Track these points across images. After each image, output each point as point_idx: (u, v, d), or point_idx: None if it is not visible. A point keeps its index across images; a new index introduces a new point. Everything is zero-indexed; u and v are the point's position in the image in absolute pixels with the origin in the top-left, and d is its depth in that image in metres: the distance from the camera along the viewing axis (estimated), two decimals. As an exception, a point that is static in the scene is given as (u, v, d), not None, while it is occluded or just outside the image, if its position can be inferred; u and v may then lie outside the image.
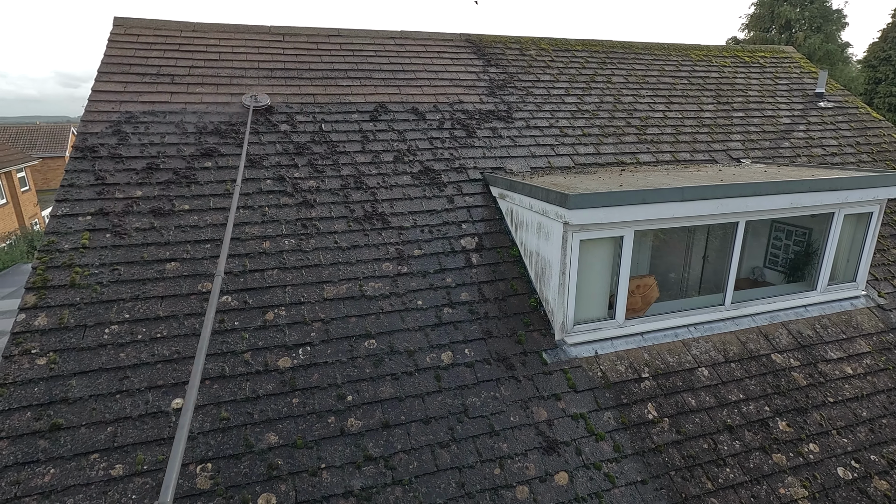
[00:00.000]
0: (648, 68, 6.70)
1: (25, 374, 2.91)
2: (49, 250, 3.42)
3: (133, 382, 2.99)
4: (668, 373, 3.78)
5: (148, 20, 5.36)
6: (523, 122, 5.37)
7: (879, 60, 23.08)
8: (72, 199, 3.71)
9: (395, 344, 3.49)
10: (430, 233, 4.17)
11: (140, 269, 3.46)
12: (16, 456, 2.65)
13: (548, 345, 3.73)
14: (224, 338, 3.28)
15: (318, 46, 5.65)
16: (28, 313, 3.13)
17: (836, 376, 4.04)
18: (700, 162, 5.49)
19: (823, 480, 3.45)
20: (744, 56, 7.48)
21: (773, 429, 3.63)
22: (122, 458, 2.74)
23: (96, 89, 4.52)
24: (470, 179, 4.64)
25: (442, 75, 5.70)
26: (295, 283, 3.63)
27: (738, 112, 6.30)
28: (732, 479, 3.33)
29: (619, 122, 5.72)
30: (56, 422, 2.78)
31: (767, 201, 3.94)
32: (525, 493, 3.04)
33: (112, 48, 4.97)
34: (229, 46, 5.35)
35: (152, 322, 3.25)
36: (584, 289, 3.79)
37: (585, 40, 6.98)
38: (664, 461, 3.33)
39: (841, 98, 7.02)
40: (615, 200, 3.50)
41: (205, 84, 4.84)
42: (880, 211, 4.50)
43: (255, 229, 3.84)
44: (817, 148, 6.07)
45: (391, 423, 3.14)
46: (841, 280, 4.66)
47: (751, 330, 4.20)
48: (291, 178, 4.22)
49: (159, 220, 3.73)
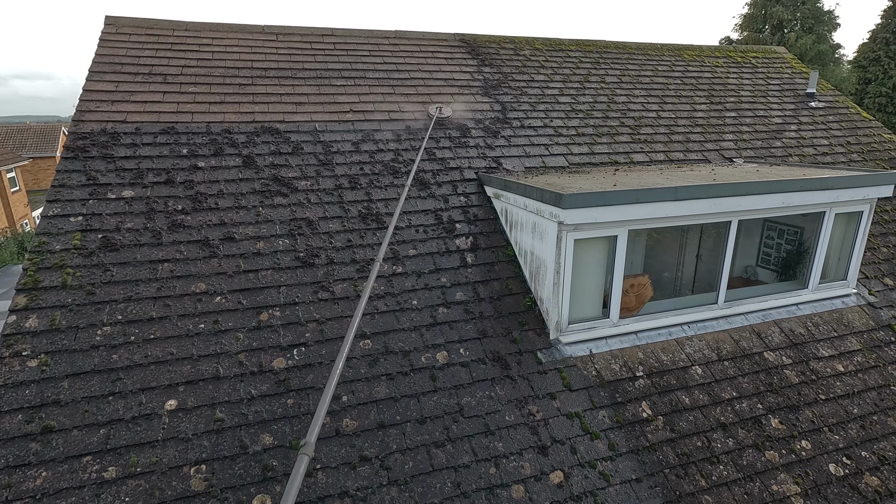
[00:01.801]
0: (642, 68, 6.73)
1: (16, 376, 2.88)
2: (40, 251, 3.38)
3: (126, 384, 2.97)
4: (662, 371, 3.80)
5: (140, 19, 5.32)
6: (518, 121, 5.37)
7: (869, 61, 23.31)
8: (63, 199, 3.67)
9: (391, 344, 3.48)
10: (425, 233, 4.17)
11: (132, 270, 3.43)
12: (7, 459, 2.62)
13: (542, 344, 3.74)
14: (218, 339, 3.26)
15: (311, 46, 5.64)
16: (19, 315, 3.10)
17: (828, 374, 4.08)
18: (693, 161, 5.52)
19: (815, 477, 3.48)
20: (736, 56, 7.53)
21: (765, 426, 3.66)
22: (115, 461, 2.71)
23: (87, 89, 4.48)
24: (465, 179, 4.64)
25: (436, 75, 5.70)
26: (289, 283, 3.62)
27: (730, 112, 6.34)
28: (726, 476, 3.36)
29: (612, 121, 5.74)
30: (48, 424, 2.75)
31: (760, 200, 3.97)
32: (520, 492, 3.05)
33: (103, 47, 4.93)
34: (222, 46, 5.32)
35: (145, 323, 3.23)
36: (579, 288, 3.80)
37: (579, 40, 7.00)
38: (658, 459, 3.34)
39: (832, 98, 7.09)
40: (609, 200, 3.52)
41: (198, 84, 4.81)
42: (870, 210, 4.54)
43: (248, 230, 3.83)
44: (808, 147, 6.13)
45: (386, 424, 3.13)
46: (832, 278, 4.71)
47: (744, 328, 4.23)
48: (285, 178, 4.21)
49: (151, 221, 3.70)
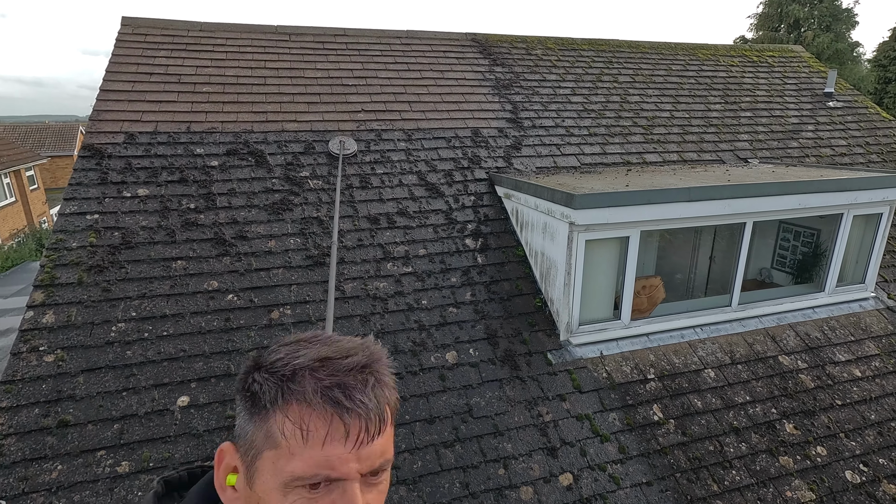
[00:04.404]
0: (655, 68, 6.66)
1: (34, 370, 2.93)
2: (57, 248, 3.44)
3: (139, 380, 3.01)
4: (673, 374, 3.76)
5: (156, 20, 5.39)
6: (529, 121, 5.35)
7: (889, 60, 22.82)
8: (80, 197, 3.73)
9: (400, 343, 3.49)
10: (435, 232, 4.16)
11: (146, 268, 3.48)
12: (24, 452, 2.67)
13: (553, 345, 3.72)
14: (230, 336, 3.29)
15: (323, 46, 5.66)
16: (36, 311, 3.16)
17: (845, 379, 4.00)
18: (707, 162, 5.45)
19: (831, 484, 3.41)
20: (752, 55, 7.42)
21: (780, 431, 3.60)
22: (129, 455, 2.75)
23: (104, 88, 4.55)
24: (475, 179, 4.63)
25: (448, 75, 5.70)
26: (300, 281, 3.64)
27: (745, 112, 6.25)
28: (738, 481, 3.31)
29: (625, 121, 5.69)
30: (63, 418, 2.80)
31: (775, 202, 3.91)
32: (529, 493, 3.03)
33: (120, 48, 5.00)
34: (236, 46, 5.36)
35: (158, 320, 3.27)
36: (590, 289, 3.78)
37: (592, 39, 6.95)
38: (670, 463, 3.31)
39: (850, 98, 6.95)
40: (621, 200, 3.48)
41: (212, 83, 4.86)
42: (890, 212, 4.45)
43: (260, 228, 3.86)
44: (826, 148, 6.02)
45: (395, 422, 3.13)
46: (849, 282, 4.62)
47: (758, 331, 4.17)
48: (297, 178, 4.23)
49: (165, 219, 3.75)
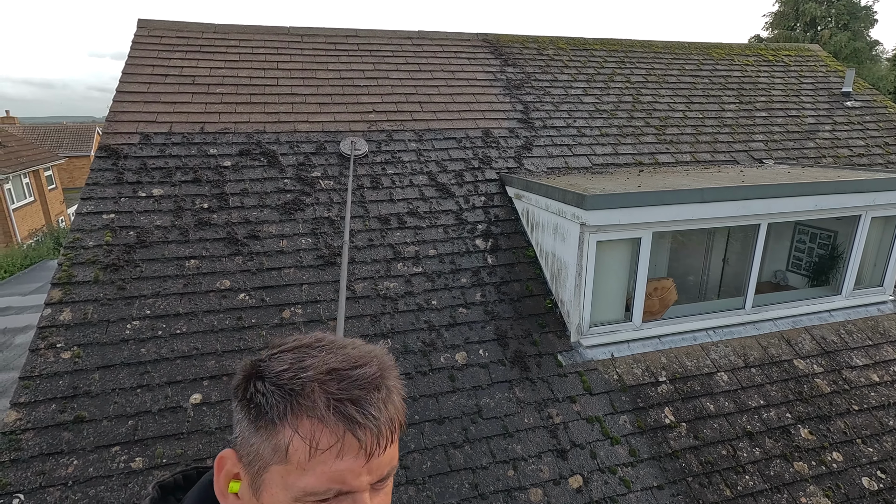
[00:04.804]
0: (668, 67, 6.60)
1: (51, 367, 2.99)
2: (74, 247, 3.50)
3: (153, 377, 3.05)
4: (685, 377, 3.72)
5: (171, 22, 5.46)
6: (540, 122, 5.33)
7: (910, 58, 22.38)
8: (96, 197, 3.80)
9: (410, 343, 3.50)
10: (446, 233, 4.17)
11: (160, 266, 3.53)
12: (41, 447, 2.72)
13: (563, 347, 3.70)
14: (242, 335, 3.33)
15: (335, 47, 5.70)
16: (54, 308, 3.22)
17: (862, 383, 3.93)
18: (721, 163, 5.39)
19: (847, 490, 3.35)
20: (767, 55, 7.32)
21: (794, 436, 3.55)
22: (143, 452, 2.79)
23: (120, 90, 4.62)
24: (486, 179, 4.63)
25: (459, 75, 5.70)
26: (311, 281, 3.67)
27: (760, 112, 6.16)
28: (752, 486, 3.26)
29: (637, 122, 5.65)
30: (80, 414, 2.85)
31: (791, 203, 3.85)
32: (539, 495, 3.02)
33: (136, 49, 5.08)
34: (249, 47, 5.42)
35: (172, 318, 3.31)
36: (601, 291, 3.75)
37: (604, 39, 6.90)
38: (681, 467, 3.27)
39: (869, 97, 6.83)
40: (633, 201, 3.46)
41: (225, 85, 4.91)
42: (910, 214, 4.36)
43: (272, 228, 3.89)
44: (843, 149, 5.92)
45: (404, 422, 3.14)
46: (867, 285, 4.53)
47: (772, 335, 4.11)
48: (308, 178, 4.26)
49: (179, 219, 3.80)
